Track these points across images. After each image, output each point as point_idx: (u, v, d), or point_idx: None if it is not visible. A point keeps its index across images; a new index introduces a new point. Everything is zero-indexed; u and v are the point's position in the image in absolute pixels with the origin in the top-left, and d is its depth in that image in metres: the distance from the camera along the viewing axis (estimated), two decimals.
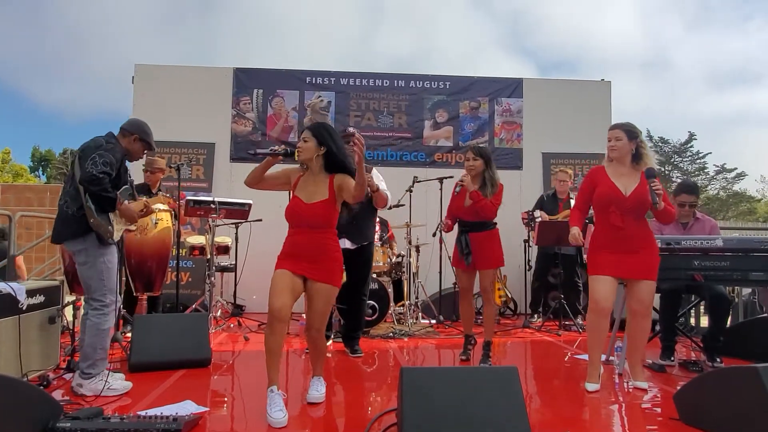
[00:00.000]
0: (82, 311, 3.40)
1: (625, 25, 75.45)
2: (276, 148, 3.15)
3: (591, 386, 3.36)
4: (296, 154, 2.98)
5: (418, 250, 6.32)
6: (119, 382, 3.22)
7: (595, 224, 3.59)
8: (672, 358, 4.14)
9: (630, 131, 3.44)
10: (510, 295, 6.99)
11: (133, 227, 3.56)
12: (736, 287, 5.50)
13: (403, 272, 6.14)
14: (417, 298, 6.23)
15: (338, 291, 3.04)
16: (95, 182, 3.08)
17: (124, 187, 3.42)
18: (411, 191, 6.09)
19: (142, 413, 2.64)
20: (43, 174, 42.35)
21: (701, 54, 69.97)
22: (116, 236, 3.31)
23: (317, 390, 3.07)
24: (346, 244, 4.30)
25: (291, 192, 3.09)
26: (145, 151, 3.55)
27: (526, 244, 6.66)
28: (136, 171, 5.56)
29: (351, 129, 4.36)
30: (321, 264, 2.91)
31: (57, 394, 3.10)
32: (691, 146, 29.01)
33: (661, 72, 68.86)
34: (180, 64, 7.76)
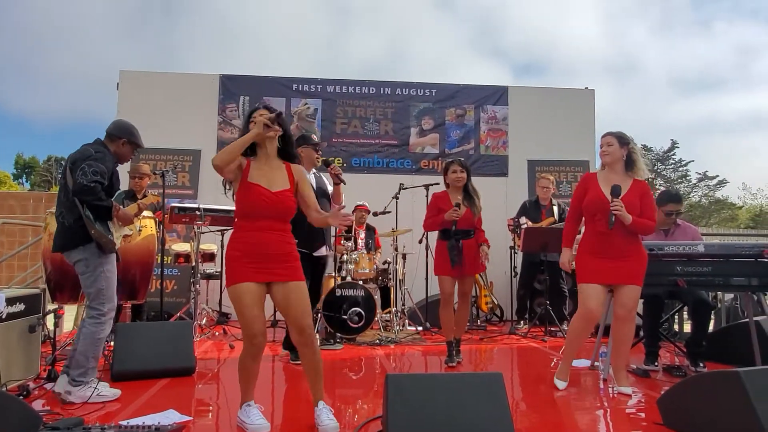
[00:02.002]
0: (81, 318, 3.39)
1: (591, 29, 76.31)
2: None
3: (560, 383, 3.56)
4: (267, 129, 2.70)
5: (404, 257, 6.32)
6: (108, 389, 3.20)
7: (585, 230, 3.67)
8: (656, 363, 4.17)
9: (621, 138, 3.53)
10: (496, 302, 7.01)
11: (130, 231, 3.56)
12: (718, 293, 5.56)
13: (390, 279, 6.13)
14: (403, 305, 6.23)
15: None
16: (87, 192, 3.09)
17: (117, 192, 3.43)
18: (397, 198, 6.10)
19: (124, 423, 2.61)
20: (26, 181, 41.83)
21: (667, 59, 70.87)
22: (117, 244, 3.33)
23: (329, 418, 2.64)
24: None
25: (238, 180, 2.72)
26: (135, 151, 3.55)
27: (512, 250, 6.70)
28: (122, 178, 5.50)
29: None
30: (288, 263, 2.68)
31: (37, 405, 3.04)
32: (674, 154, 29.43)
33: (629, 76, 69.67)
34: (165, 71, 7.73)
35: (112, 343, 3.94)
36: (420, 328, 6.03)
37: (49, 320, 3.91)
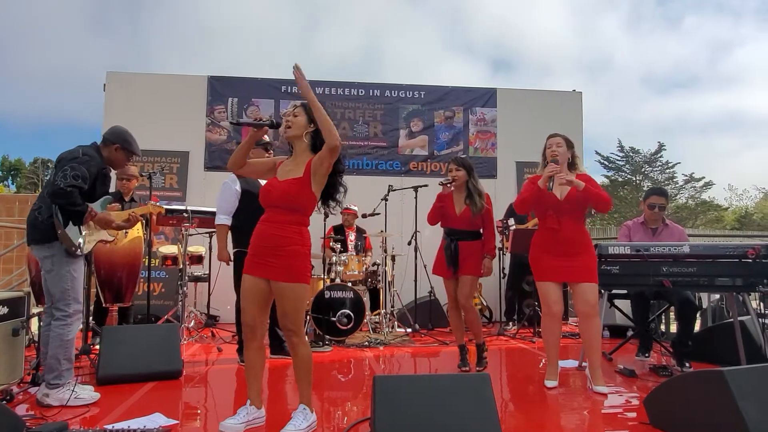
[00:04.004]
0: (43, 322, 3.33)
1: (561, 25, 75.81)
2: (262, 117, 2.92)
3: (550, 383, 3.62)
4: (284, 128, 2.82)
5: (393, 259, 6.32)
6: (87, 392, 3.16)
7: (537, 228, 3.86)
8: (647, 355, 4.21)
9: (568, 140, 3.79)
10: (485, 303, 7.02)
11: (110, 237, 3.50)
12: (705, 293, 5.62)
13: (379, 281, 6.13)
14: (392, 306, 6.23)
15: (306, 288, 2.76)
16: (62, 196, 3.07)
17: (104, 197, 3.39)
18: (386, 200, 6.11)
19: (109, 427, 2.58)
20: (12, 184, 41.36)
21: (638, 55, 70.54)
22: (87, 248, 3.29)
23: (294, 425, 2.61)
24: None
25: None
26: (131, 159, 3.53)
27: (501, 252, 6.72)
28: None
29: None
30: (279, 260, 2.64)
31: (21, 409, 3.01)
32: (661, 156, 29.67)
33: (602, 73, 69.45)
34: (152, 72, 7.67)
35: (98, 347, 3.90)
36: (409, 330, 6.03)
37: (33, 324, 3.87)
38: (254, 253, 2.72)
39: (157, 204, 4.65)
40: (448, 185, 4.10)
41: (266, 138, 4.34)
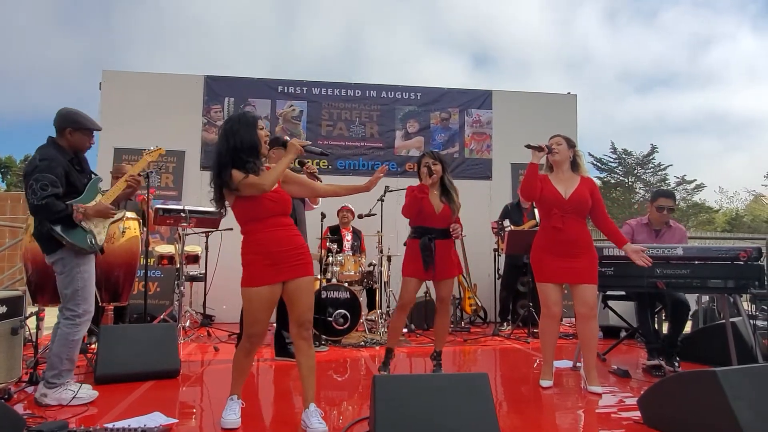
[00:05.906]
0: (55, 320, 3.33)
1: (538, 20, 74.40)
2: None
3: (545, 383, 3.66)
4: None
5: (389, 260, 6.35)
6: (85, 391, 3.16)
7: (539, 228, 3.84)
8: (660, 359, 4.14)
9: (568, 140, 3.83)
10: (480, 304, 7.07)
11: (119, 215, 3.47)
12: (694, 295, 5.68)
13: (375, 281, 6.16)
14: (388, 306, 6.26)
15: None
16: (41, 211, 3.03)
17: (92, 181, 3.33)
18: (382, 201, 6.12)
19: (109, 426, 2.59)
20: (2, 181, 41.02)
21: (616, 52, 69.14)
22: (101, 239, 3.27)
23: (319, 421, 2.66)
24: None
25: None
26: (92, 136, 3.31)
27: (496, 253, 6.77)
28: (104, 178, 5.43)
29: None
30: (300, 257, 2.79)
31: (18, 408, 3.01)
32: (653, 158, 29.86)
33: (582, 72, 68.17)
34: (149, 71, 7.65)
35: (95, 346, 3.90)
36: (405, 330, 6.06)
37: (31, 323, 3.86)
38: (273, 260, 2.72)
39: (156, 149, 4.30)
40: (431, 177, 3.85)
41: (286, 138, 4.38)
